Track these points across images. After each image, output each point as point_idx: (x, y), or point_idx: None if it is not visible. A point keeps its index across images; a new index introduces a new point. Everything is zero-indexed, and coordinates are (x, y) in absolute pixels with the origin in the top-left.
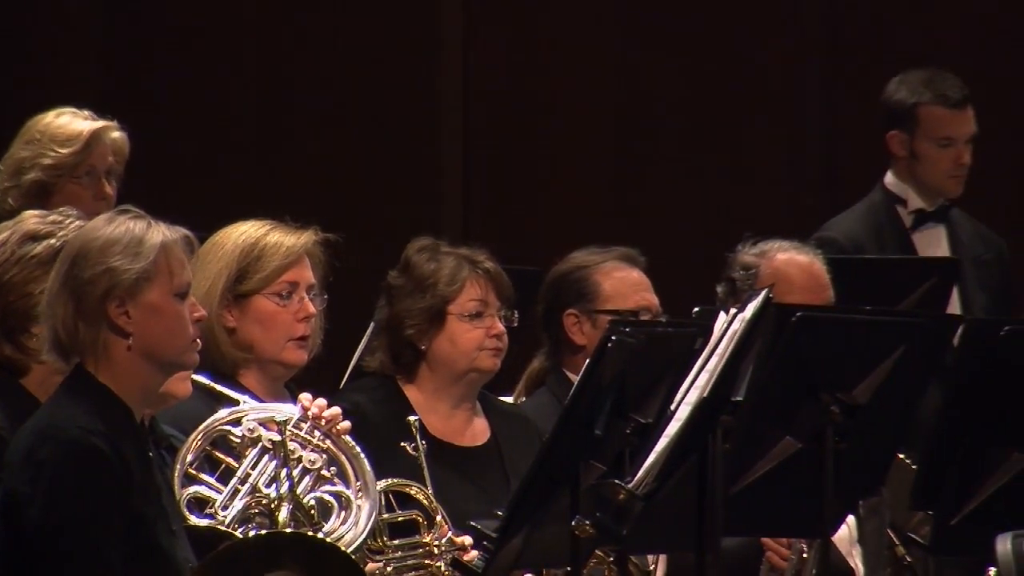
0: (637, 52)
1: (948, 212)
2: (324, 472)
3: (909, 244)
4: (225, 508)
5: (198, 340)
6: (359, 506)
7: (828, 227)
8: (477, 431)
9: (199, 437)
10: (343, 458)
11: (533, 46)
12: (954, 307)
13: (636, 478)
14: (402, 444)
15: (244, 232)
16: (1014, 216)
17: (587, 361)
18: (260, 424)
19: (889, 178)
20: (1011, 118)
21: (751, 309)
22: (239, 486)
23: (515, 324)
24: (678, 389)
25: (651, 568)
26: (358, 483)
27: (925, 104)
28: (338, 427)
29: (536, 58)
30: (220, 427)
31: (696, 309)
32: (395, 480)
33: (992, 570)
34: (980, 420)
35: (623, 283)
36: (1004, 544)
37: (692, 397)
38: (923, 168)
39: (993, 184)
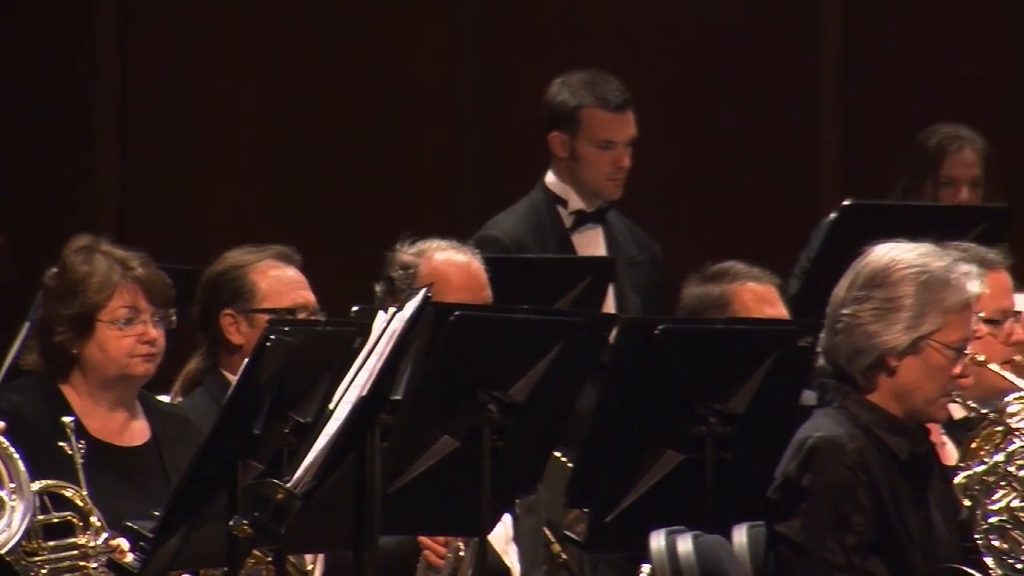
0: (286, 56)
1: (606, 214)
2: None
3: (569, 244)
4: None
5: None
6: (13, 507)
7: (490, 226)
8: (136, 431)
9: None
10: None
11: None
12: (610, 307)
13: (294, 477)
14: (60, 444)
15: None
16: (668, 219)
17: (245, 361)
18: None
19: (550, 178)
20: (669, 124)
21: (410, 308)
22: None
23: (173, 326)
24: (337, 388)
25: (309, 568)
26: (12, 484)
27: (586, 107)
28: None
29: (189, 58)
30: None
31: (355, 308)
32: (50, 482)
33: (646, 567)
34: (635, 418)
35: (279, 281)
36: (658, 541)
37: (351, 396)
38: (583, 170)
39: (649, 187)
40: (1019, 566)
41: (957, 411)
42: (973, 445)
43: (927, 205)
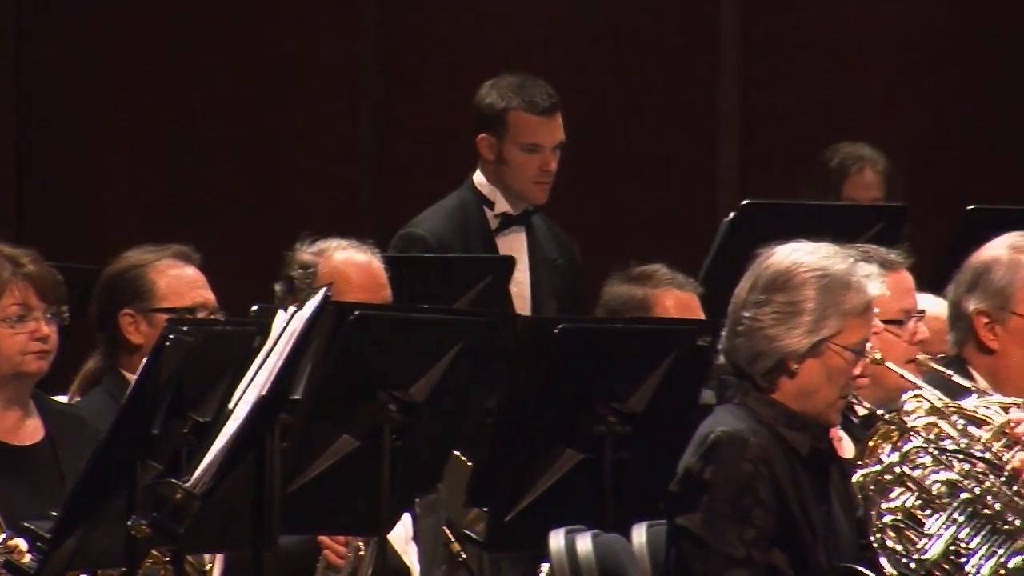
0: (184, 54)
1: (530, 216)
2: None
3: (493, 246)
4: None
5: None
6: None
7: (416, 223)
8: (30, 430)
9: None
10: None
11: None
12: (526, 311)
13: (194, 477)
14: None
15: None
16: (587, 221)
17: (144, 360)
18: None
19: (479, 178)
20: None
21: (310, 308)
22: None
23: (66, 323)
24: (236, 387)
25: (208, 567)
26: None
27: (514, 109)
28: None
29: (87, 56)
30: None
31: (254, 307)
32: None
33: (545, 566)
34: (534, 417)
35: (178, 281)
36: (557, 540)
37: (251, 395)
38: (510, 172)
39: (572, 190)
40: (913, 565)
41: (859, 409)
42: (870, 444)
43: (826, 204)
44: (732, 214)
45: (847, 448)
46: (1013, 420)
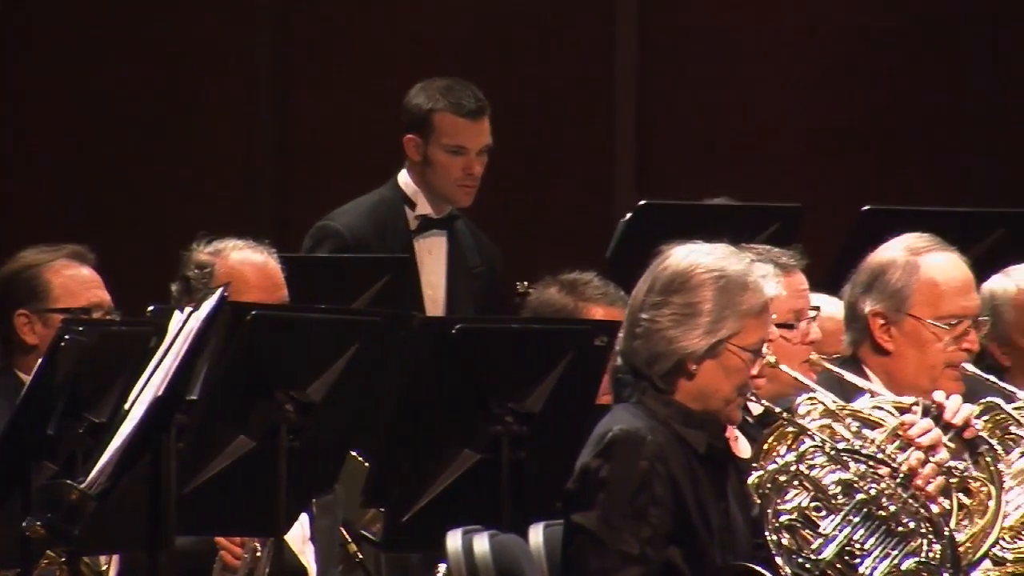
0: (83, 51)
1: (453, 221)
2: None
3: (410, 246)
4: None
5: None
6: None
7: (334, 216)
8: None
9: None
10: None
11: None
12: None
13: (89, 478)
14: None
15: None
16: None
17: (39, 360)
18: None
19: (404, 178)
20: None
21: (206, 308)
22: None
23: None
24: (133, 388)
25: (104, 568)
26: None
27: (440, 111)
28: None
29: None
30: None
31: (151, 308)
32: None
33: (442, 566)
34: (431, 417)
35: (73, 281)
36: (454, 540)
37: (147, 396)
38: (434, 174)
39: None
40: (807, 565)
41: (755, 408)
42: (767, 445)
43: (722, 205)
44: (629, 215)
45: (743, 448)
46: (906, 423)
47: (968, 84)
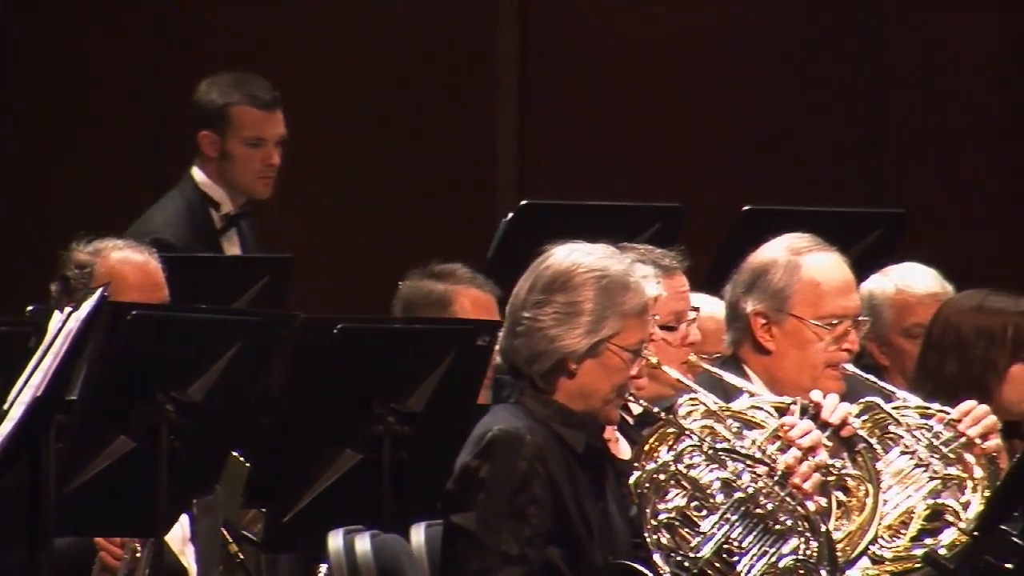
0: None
1: (245, 217)
2: None
3: (219, 247)
4: None
5: None
6: None
7: (156, 229)
8: None
9: None
10: None
11: None
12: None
13: None
14: None
15: None
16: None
17: None
18: None
19: (200, 177)
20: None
21: (86, 308)
22: None
23: None
24: (12, 388)
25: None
26: None
27: (236, 104)
28: None
29: None
30: None
31: (30, 308)
32: None
33: (324, 566)
34: (313, 417)
35: None
36: (335, 540)
37: (26, 396)
38: (234, 168)
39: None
40: (686, 564)
41: (635, 409)
42: (647, 445)
43: (603, 205)
44: (511, 214)
45: (623, 449)
46: (786, 424)
47: (848, 84)
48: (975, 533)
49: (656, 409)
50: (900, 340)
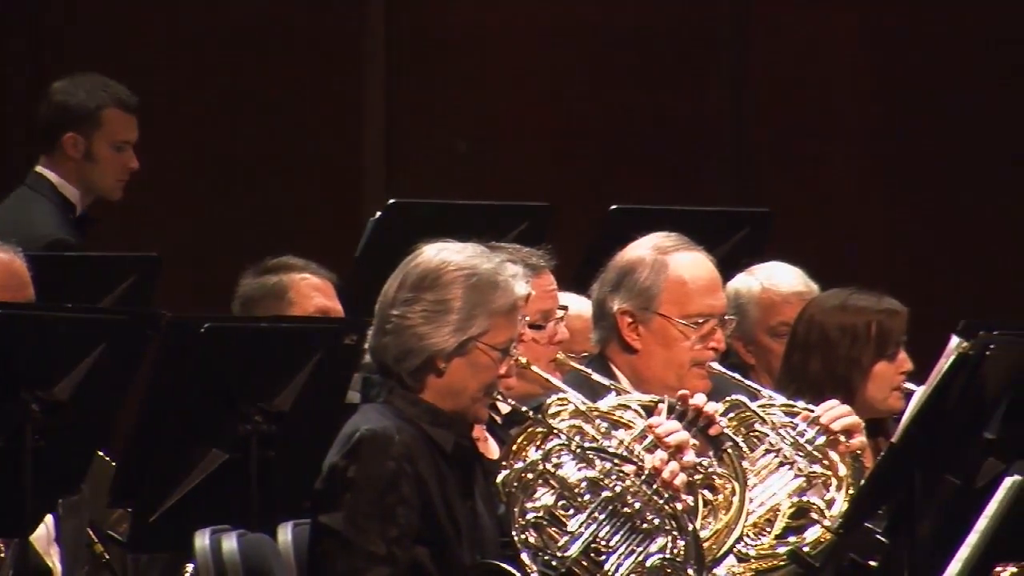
0: None
1: (88, 221)
2: None
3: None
4: None
5: None
6: None
7: (41, 229)
8: None
9: None
10: None
11: None
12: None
13: None
14: None
15: None
16: (233, 219)
17: None
18: None
19: (56, 179)
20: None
21: None
22: None
23: None
24: None
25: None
26: None
27: (107, 107)
28: None
29: None
30: None
31: None
32: None
33: (190, 566)
34: (179, 417)
35: None
36: (202, 540)
37: None
38: (96, 170)
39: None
40: (554, 563)
41: (504, 408)
42: (516, 445)
43: (471, 204)
44: (378, 213)
45: (492, 449)
46: (654, 423)
47: (712, 83)
48: (840, 531)
49: (524, 408)
50: (766, 339)
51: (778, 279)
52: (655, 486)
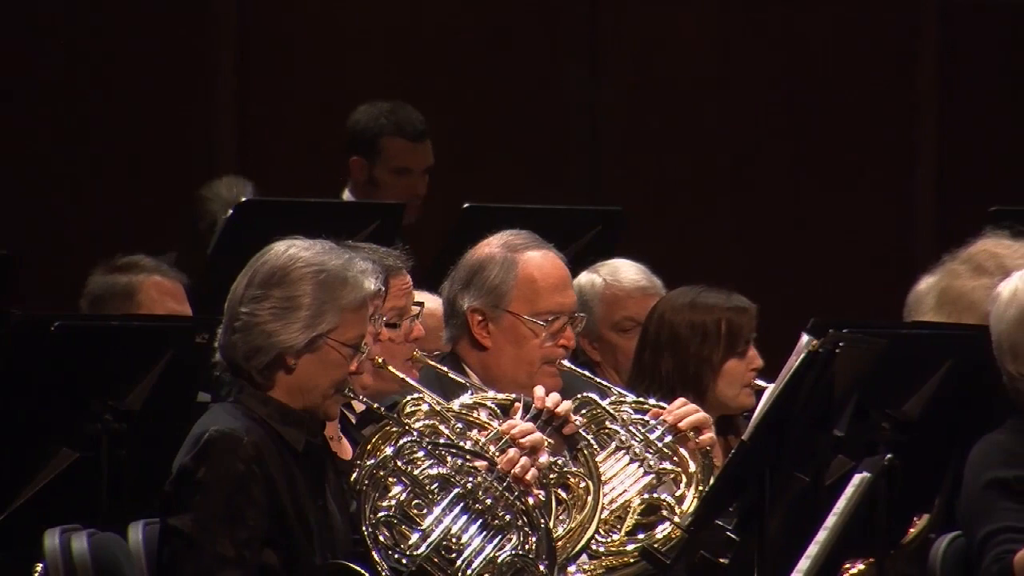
0: None
1: None
2: None
3: None
4: None
5: None
6: None
7: None
8: None
9: None
10: None
11: None
12: None
13: None
14: None
15: None
16: (75, 217)
17: None
18: None
19: (348, 197)
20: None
21: None
22: None
23: None
24: None
25: None
26: None
27: (387, 135)
28: None
29: None
30: None
31: None
32: None
33: (39, 565)
34: (28, 416)
35: None
36: (52, 539)
37: None
38: (380, 195)
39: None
40: (404, 560)
41: (358, 407)
42: (370, 444)
43: (323, 202)
44: (230, 211)
45: (346, 449)
46: (510, 424)
47: (565, 81)
48: (690, 528)
49: (377, 406)
50: (611, 334)
51: (621, 275)
52: (507, 482)
